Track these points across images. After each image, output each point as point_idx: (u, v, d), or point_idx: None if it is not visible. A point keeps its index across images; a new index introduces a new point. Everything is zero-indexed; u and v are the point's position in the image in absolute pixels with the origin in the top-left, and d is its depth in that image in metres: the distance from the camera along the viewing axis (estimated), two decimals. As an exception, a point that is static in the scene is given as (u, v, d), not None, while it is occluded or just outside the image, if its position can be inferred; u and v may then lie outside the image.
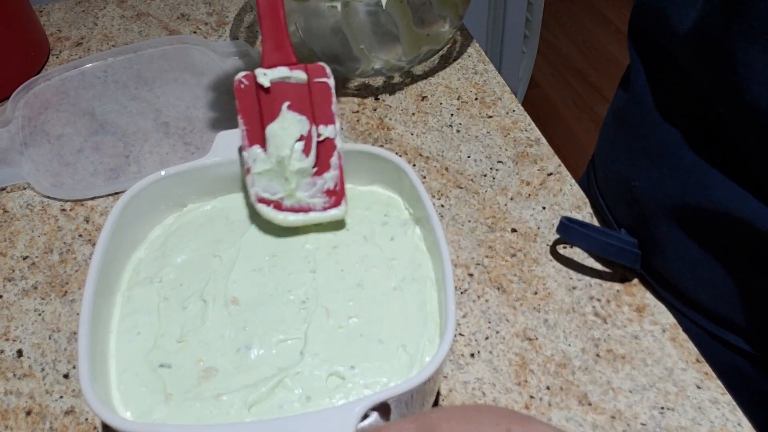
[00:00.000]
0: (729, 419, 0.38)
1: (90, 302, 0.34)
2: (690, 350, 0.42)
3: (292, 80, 0.41)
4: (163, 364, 0.35)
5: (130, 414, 0.33)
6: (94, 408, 0.30)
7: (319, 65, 0.41)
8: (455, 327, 0.33)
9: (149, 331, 0.37)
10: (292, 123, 0.40)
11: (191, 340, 0.36)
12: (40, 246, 0.50)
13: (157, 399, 0.34)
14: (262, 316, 0.37)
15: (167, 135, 0.58)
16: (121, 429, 0.30)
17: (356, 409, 0.29)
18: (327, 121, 0.41)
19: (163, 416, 0.33)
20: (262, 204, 0.41)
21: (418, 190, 0.40)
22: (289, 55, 0.42)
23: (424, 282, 0.39)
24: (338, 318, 0.37)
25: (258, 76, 0.41)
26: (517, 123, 0.58)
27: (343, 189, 0.41)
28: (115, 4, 0.75)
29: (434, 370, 0.31)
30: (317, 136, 0.41)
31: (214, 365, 0.35)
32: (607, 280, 0.46)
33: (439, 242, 0.37)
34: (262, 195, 0.41)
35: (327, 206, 0.41)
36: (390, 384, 0.34)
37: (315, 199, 0.41)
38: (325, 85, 0.41)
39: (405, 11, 0.57)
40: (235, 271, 0.40)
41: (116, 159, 0.56)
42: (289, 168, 0.40)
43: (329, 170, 0.41)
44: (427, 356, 0.35)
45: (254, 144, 0.41)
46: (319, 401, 0.33)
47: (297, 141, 0.40)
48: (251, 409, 0.33)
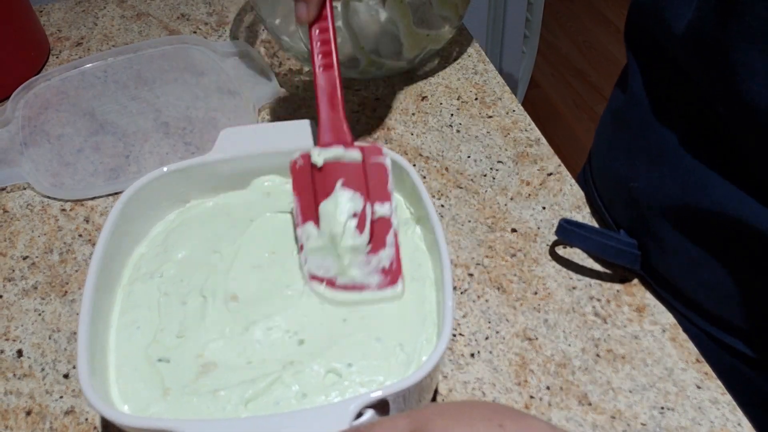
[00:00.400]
0: (729, 419, 0.38)
1: (91, 296, 0.35)
2: (690, 350, 0.42)
3: (346, 159, 0.40)
4: (161, 358, 0.35)
5: (128, 408, 0.34)
6: (92, 401, 0.30)
7: (376, 146, 0.40)
8: (453, 327, 0.33)
9: (149, 326, 0.37)
10: (346, 200, 0.39)
11: (190, 336, 0.36)
12: (40, 246, 0.50)
13: (155, 394, 0.34)
14: (261, 312, 0.37)
15: (167, 135, 0.58)
16: (118, 422, 0.30)
17: (351, 407, 0.29)
18: (382, 198, 0.40)
19: (160, 411, 0.33)
20: (315, 281, 0.39)
21: (418, 189, 0.40)
22: (344, 135, 0.41)
23: (423, 281, 0.39)
24: (338, 313, 0.37)
25: (312, 155, 0.40)
26: (517, 123, 0.58)
27: (399, 267, 0.39)
28: (115, 4, 0.75)
29: (431, 368, 0.31)
30: (372, 214, 0.40)
31: (213, 360, 0.35)
32: (607, 280, 0.46)
33: (438, 242, 0.37)
34: (315, 272, 0.39)
35: (382, 285, 0.39)
36: (386, 383, 0.34)
37: (370, 277, 0.39)
38: (381, 165, 0.40)
39: (405, 11, 0.57)
40: (234, 268, 0.40)
41: (116, 159, 0.56)
42: (342, 244, 0.38)
43: (384, 248, 0.39)
44: (424, 355, 0.35)
45: (308, 221, 0.40)
46: (315, 398, 0.34)
47: (350, 218, 0.39)
48: (248, 405, 0.33)
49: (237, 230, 0.42)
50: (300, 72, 0.64)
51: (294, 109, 0.60)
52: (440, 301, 0.36)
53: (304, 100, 0.61)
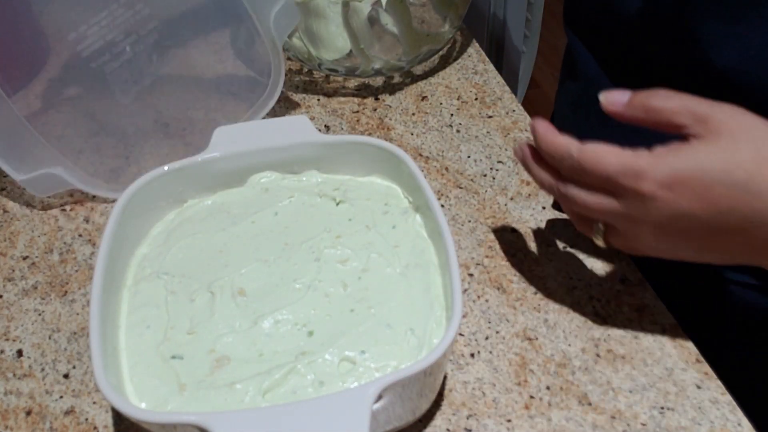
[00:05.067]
0: (729, 419, 0.38)
1: (99, 296, 0.35)
2: (690, 350, 0.42)
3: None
4: (174, 355, 0.36)
5: (145, 405, 0.34)
6: (112, 400, 0.30)
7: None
8: (462, 306, 0.34)
9: (158, 325, 0.37)
10: None
11: (201, 331, 0.37)
12: (40, 246, 0.50)
13: (171, 389, 0.34)
14: (270, 305, 0.38)
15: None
16: (142, 420, 0.30)
17: (370, 391, 0.30)
18: None
19: (178, 406, 0.34)
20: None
21: (417, 177, 0.41)
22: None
23: (427, 267, 0.39)
24: (346, 304, 0.38)
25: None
26: (517, 123, 0.58)
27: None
28: (115, 5, 0.75)
29: (446, 347, 0.32)
30: None
31: (226, 354, 0.36)
32: (607, 280, 0.46)
33: (441, 226, 0.37)
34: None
35: None
36: (401, 366, 0.35)
37: None
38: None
39: (405, 11, 0.57)
40: (240, 263, 0.40)
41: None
42: None
43: None
44: (435, 338, 0.36)
45: None
46: (332, 386, 0.34)
47: None
48: (266, 395, 0.34)
49: (238, 226, 0.43)
50: (300, 72, 0.64)
51: (294, 109, 0.60)
52: (446, 285, 0.37)
53: (303, 99, 0.61)
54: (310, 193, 0.44)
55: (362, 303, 0.38)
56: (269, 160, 0.44)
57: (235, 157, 0.43)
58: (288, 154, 0.44)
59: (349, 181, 0.45)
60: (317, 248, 0.41)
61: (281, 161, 0.45)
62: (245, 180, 0.45)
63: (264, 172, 0.45)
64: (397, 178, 0.44)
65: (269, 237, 0.42)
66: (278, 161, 0.45)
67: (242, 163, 0.44)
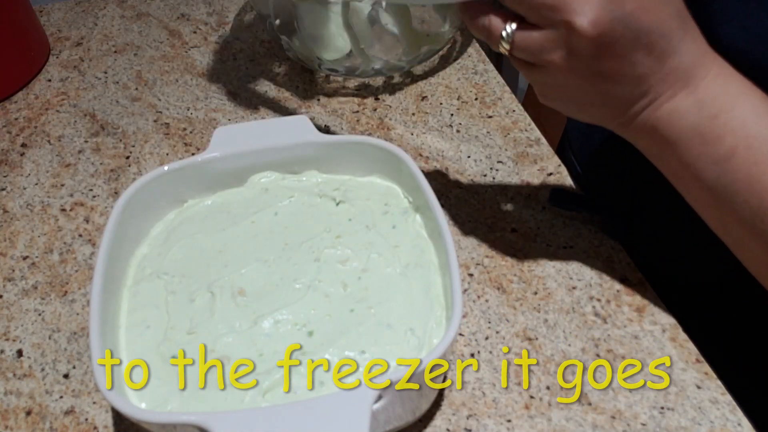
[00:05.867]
0: (729, 419, 0.38)
1: (98, 297, 0.35)
2: (690, 350, 0.41)
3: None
4: (175, 355, 0.36)
5: (146, 405, 0.34)
6: (112, 400, 0.31)
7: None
8: (462, 306, 0.34)
9: (159, 324, 0.37)
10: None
11: (201, 331, 0.37)
12: (40, 246, 0.50)
13: (172, 389, 0.34)
14: (270, 305, 0.38)
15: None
16: (143, 420, 0.30)
17: (370, 391, 0.30)
18: None
19: (178, 406, 0.34)
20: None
21: (417, 177, 0.41)
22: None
23: (427, 267, 0.39)
24: (346, 304, 0.38)
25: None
26: (517, 123, 0.58)
27: None
28: (115, 4, 0.75)
29: (447, 346, 0.32)
30: None
31: (226, 354, 0.36)
32: (607, 280, 0.46)
33: (441, 226, 0.37)
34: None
35: None
36: (401, 366, 0.35)
37: None
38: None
39: (405, 11, 0.57)
40: (240, 263, 0.40)
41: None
42: None
43: None
44: (435, 338, 0.36)
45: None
46: (333, 386, 0.34)
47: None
48: (265, 395, 0.34)
49: (239, 227, 0.43)
50: (300, 72, 0.64)
51: (294, 109, 0.60)
52: (446, 286, 0.37)
53: (303, 99, 0.61)
54: (310, 193, 0.44)
55: (362, 303, 0.38)
56: (269, 160, 0.44)
57: (235, 157, 0.43)
58: (288, 154, 0.44)
59: (349, 181, 0.45)
60: (317, 248, 0.41)
61: (281, 161, 0.45)
62: (245, 180, 0.45)
63: (264, 172, 0.45)
64: (397, 178, 0.44)
65: (269, 237, 0.42)
66: (278, 161, 0.45)
67: (242, 163, 0.44)
